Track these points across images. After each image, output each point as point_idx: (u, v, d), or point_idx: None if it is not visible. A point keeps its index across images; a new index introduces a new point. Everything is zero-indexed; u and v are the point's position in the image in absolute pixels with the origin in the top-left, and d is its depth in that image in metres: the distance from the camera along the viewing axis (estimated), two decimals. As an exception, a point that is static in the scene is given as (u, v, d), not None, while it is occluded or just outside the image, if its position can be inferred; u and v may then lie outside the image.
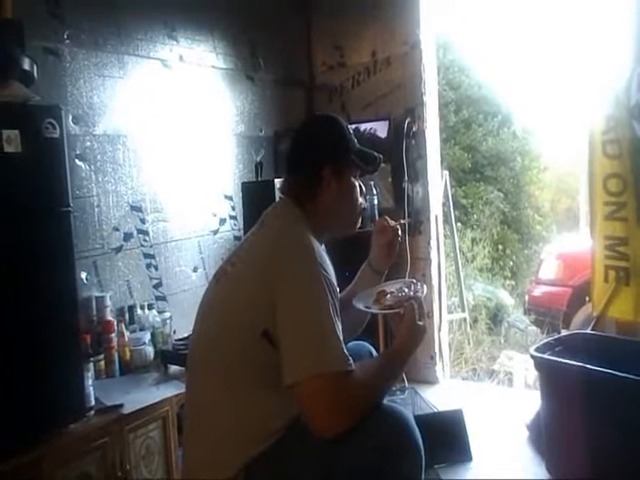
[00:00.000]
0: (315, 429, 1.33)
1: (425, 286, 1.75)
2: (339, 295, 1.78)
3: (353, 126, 3.29)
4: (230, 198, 3.55)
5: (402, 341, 1.56)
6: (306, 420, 1.35)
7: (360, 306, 1.70)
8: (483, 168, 8.25)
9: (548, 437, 2.51)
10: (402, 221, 1.94)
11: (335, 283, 1.52)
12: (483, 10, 8.15)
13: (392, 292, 1.73)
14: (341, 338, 1.39)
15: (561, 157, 9.18)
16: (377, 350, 1.97)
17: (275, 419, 1.43)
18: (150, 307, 2.99)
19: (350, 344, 1.80)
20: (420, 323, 1.57)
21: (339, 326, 1.41)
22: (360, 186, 1.74)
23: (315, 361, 1.34)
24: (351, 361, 1.38)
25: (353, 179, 1.72)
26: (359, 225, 1.79)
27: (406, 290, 1.72)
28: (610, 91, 2.82)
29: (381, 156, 1.78)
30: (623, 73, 2.76)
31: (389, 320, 1.68)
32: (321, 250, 1.56)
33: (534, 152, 8.87)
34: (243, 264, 1.56)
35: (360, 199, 1.75)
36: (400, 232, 1.90)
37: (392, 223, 1.87)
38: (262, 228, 1.64)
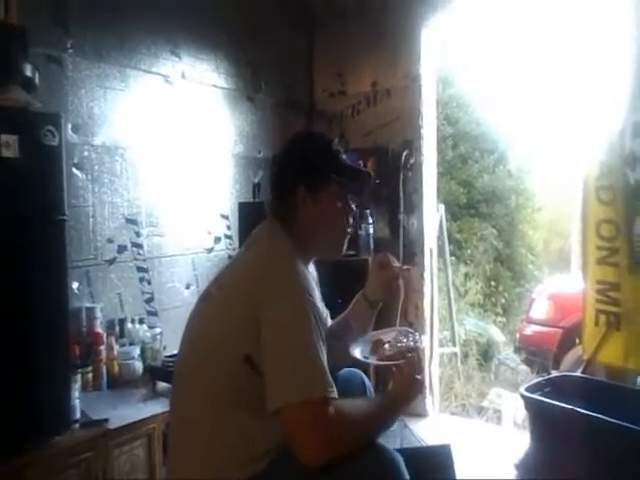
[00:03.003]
0: (298, 455, 1.31)
1: (424, 336, 1.72)
2: (331, 322, 1.76)
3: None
4: (226, 217, 3.54)
5: (398, 393, 1.55)
6: (290, 446, 1.32)
7: (358, 356, 1.66)
8: (478, 204, 8.27)
9: (537, 478, 2.47)
10: (407, 268, 1.91)
11: (320, 308, 1.51)
12: (484, 50, 8.27)
13: (389, 341, 1.71)
14: (325, 365, 1.37)
15: (554, 198, 9.24)
16: (369, 378, 1.94)
17: (258, 443, 1.40)
18: (141, 322, 2.96)
19: (342, 372, 1.79)
20: (419, 377, 1.56)
21: (324, 352, 1.39)
22: (348, 208, 1.70)
23: (298, 388, 1.32)
24: (334, 388, 1.35)
25: (335, 199, 1.66)
26: (345, 249, 1.74)
27: (404, 340, 1.69)
28: (605, 138, 2.85)
29: (369, 171, 1.76)
30: (618, 121, 2.80)
31: (387, 372, 1.64)
32: (307, 274, 1.53)
33: (529, 191, 8.92)
34: (229, 287, 1.54)
35: (346, 221, 1.70)
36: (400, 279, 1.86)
37: (396, 264, 1.84)
38: (249, 249, 1.62)
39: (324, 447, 1.30)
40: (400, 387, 1.55)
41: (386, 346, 1.68)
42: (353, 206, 1.71)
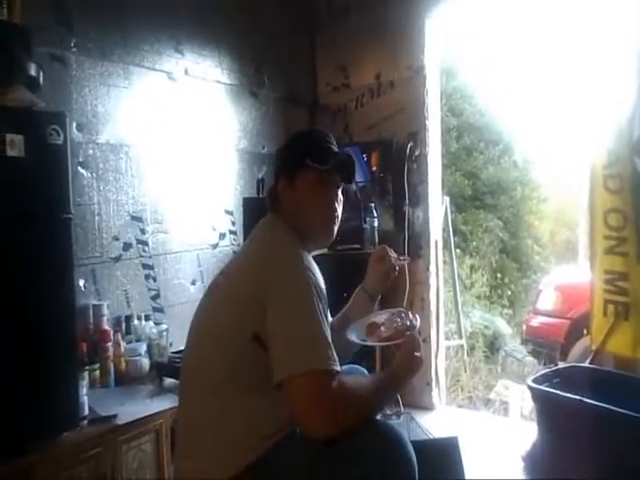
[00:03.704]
0: (302, 427, 1.35)
1: (417, 315, 1.73)
2: (332, 319, 1.78)
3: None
4: (231, 213, 3.55)
5: (398, 368, 1.57)
6: (296, 420, 1.36)
7: (355, 340, 1.68)
8: (483, 196, 8.25)
9: (544, 469, 2.47)
10: (404, 258, 1.90)
11: (323, 288, 1.55)
12: (488, 40, 8.24)
13: (383, 323, 1.71)
14: (329, 339, 1.41)
15: (560, 189, 9.21)
16: (374, 369, 1.95)
17: (267, 424, 1.43)
18: (147, 318, 2.97)
19: (344, 367, 1.78)
20: (418, 355, 1.58)
21: (327, 329, 1.43)
22: (331, 194, 1.69)
23: (302, 359, 1.36)
24: (337, 363, 1.38)
25: (311, 185, 1.66)
26: (334, 233, 1.72)
27: (398, 320, 1.70)
28: (612, 126, 2.83)
29: (348, 154, 1.74)
30: (626, 109, 2.78)
31: (388, 353, 1.65)
32: (309, 257, 1.57)
33: (534, 182, 8.90)
34: (235, 277, 1.58)
35: (328, 207, 1.68)
36: (398, 268, 1.87)
37: (393, 256, 1.85)
38: (253, 242, 1.66)
39: (328, 419, 1.33)
40: (401, 363, 1.57)
41: (382, 328, 1.69)
42: (338, 191, 1.71)
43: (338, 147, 1.75)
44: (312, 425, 1.33)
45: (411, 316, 1.71)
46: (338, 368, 1.38)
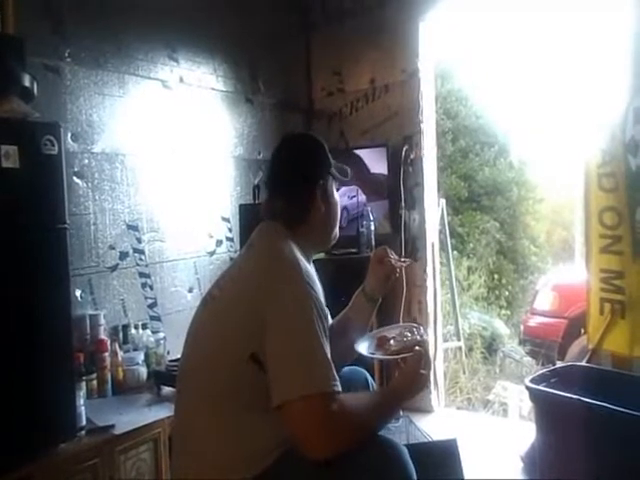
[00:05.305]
0: (303, 450, 1.31)
1: (427, 331, 1.73)
2: (332, 321, 1.77)
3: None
4: (227, 220, 3.54)
5: (401, 384, 1.55)
6: (295, 442, 1.33)
7: (364, 352, 1.67)
8: (479, 197, 8.27)
9: (543, 469, 2.48)
10: (404, 261, 1.90)
11: (323, 302, 1.52)
12: (482, 42, 8.25)
13: (394, 337, 1.71)
14: (329, 359, 1.38)
15: (556, 189, 9.23)
16: (372, 377, 1.94)
17: (268, 440, 1.41)
18: (144, 327, 2.96)
19: (345, 369, 1.79)
20: (423, 372, 1.55)
21: (327, 348, 1.40)
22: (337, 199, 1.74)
23: (302, 382, 1.33)
24: (338, 383, 1.36)
25: (334, 195, 1.71)
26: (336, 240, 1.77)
27: (409, 334, 1.69)
28: (606, 125, 2.85)
29: (347, 168, 1.78)
30: (619, 108, 2.79)
31: (394, 367, 1.64)
32: (309, 269, 1.54)
33: (530, 183, 8.92)
34: (231, 288, 1.56)
35: (338, 213, 1.74)
36: (399, 270, 1.87)
37: (394, 257, 1.84)
38: (249, 251, 1.63)
39: (328, 441, 1.31)
40: (404, 380, 1.55)
41: (391, 341, 1.68)
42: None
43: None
44: (312, 447, 1.31)
45: (422, 331, 1.71)
46: (338, 388, 1.35)
